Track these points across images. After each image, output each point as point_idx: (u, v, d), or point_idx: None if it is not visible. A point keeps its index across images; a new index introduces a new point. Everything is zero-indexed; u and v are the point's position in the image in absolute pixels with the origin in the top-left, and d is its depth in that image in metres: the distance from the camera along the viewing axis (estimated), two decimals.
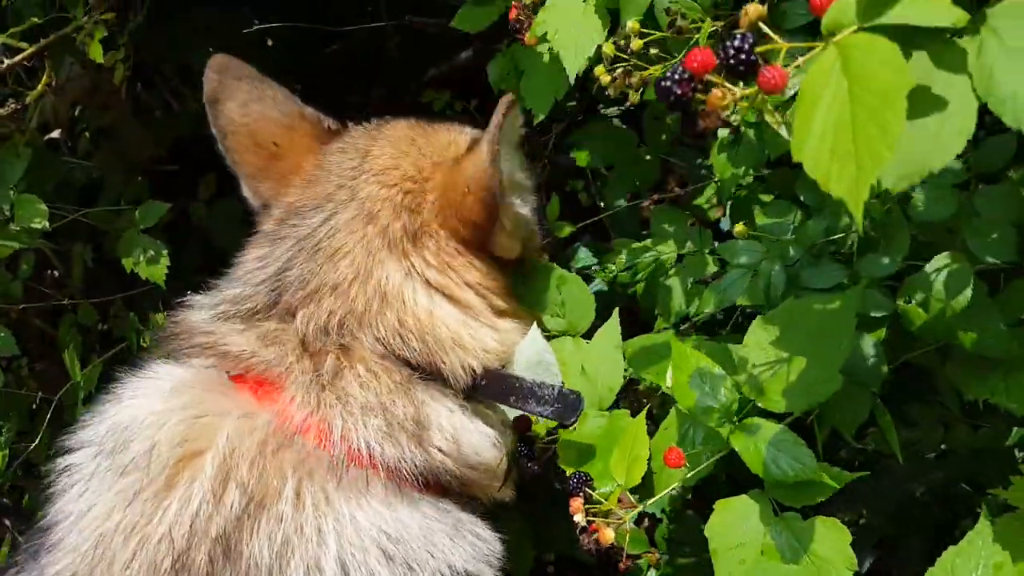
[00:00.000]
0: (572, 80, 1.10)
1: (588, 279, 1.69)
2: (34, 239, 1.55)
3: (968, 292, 0.76)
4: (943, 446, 1.06)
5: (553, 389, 0.95)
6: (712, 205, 1.53)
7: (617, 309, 1.07)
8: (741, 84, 0.57)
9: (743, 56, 0.55)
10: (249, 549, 0.82)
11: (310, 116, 1.13)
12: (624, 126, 1.94)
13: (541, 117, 1.37)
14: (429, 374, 0.94)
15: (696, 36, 0.85)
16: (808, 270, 0.89)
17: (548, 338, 1.10)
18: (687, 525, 1.26)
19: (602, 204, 1.78)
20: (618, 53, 0.88)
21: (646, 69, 0.87)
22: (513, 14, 1.24)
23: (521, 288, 1.10)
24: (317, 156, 1.09)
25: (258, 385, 0.93)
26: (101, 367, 1.69)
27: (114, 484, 0.87)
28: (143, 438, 0.88)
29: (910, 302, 0.83)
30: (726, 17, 0.87)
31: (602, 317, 1.11)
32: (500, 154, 0.92)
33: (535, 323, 1.08)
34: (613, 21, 1.09)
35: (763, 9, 0.57)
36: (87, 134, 1.86)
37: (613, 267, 1.27)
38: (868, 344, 0.83)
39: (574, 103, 1.77)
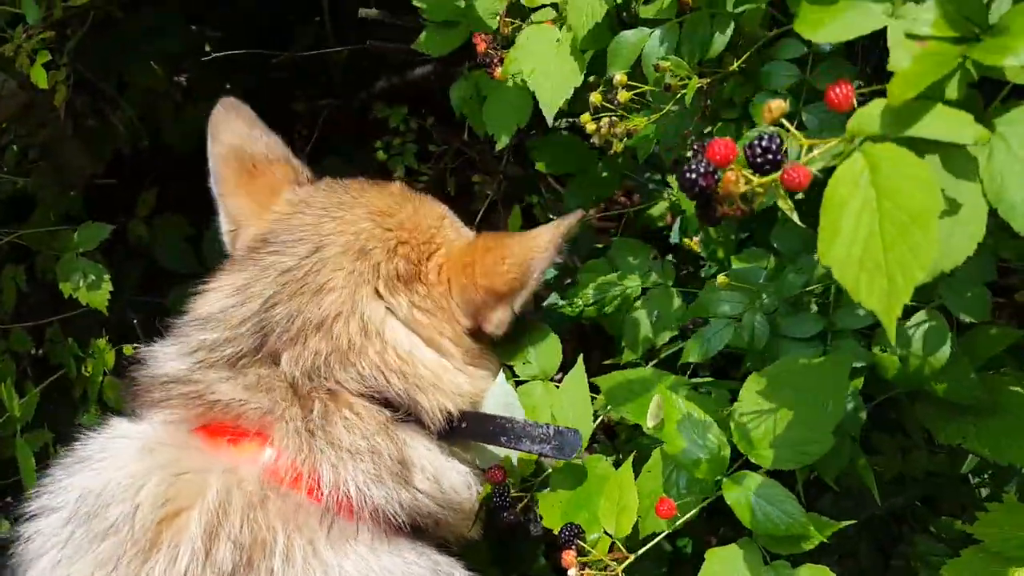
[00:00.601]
0: (551, 121, 1.11)
1: (547, 292, 1.73)
2: None
3: (946, 350, 0.80)
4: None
5: (548, 427, 0.97)
6: (662, 216, 1.56)
7: (581, 357, 1.09)
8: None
9: (770, 156, 0.56)
10: None
11: (295, 163, 1.18)
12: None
13: (504, 144, 1.37)
14: (407, 414, 0.96)
15: (683, 92, 0.86)
16: (787, 319, 0.92)
17: (519, 384, 1.13)
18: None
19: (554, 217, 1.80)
20: (604, 103, 0.88)
21: (630, 119, 0.88)
22: (482, 47, 1.23)
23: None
24: (295, 192, 1.11)
25: (239, 435, 0.91)
26: (38, 397, 1.62)
27: (91, 550, 0.84)
28: (122, 500, 0.85)
29: (884, 350, 0.86)
30: (711, 74, 0.88)
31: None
32: (559, 249, 1.01)
33: (502, 370, 1.11)
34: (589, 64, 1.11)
35: (785, 106, 0.58)
36: (15, 147, 1.76)
37: (579, 301, 1.28)
38: (848, 393, 0.86)
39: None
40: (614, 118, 0.88)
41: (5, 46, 1.31)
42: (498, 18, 1.24)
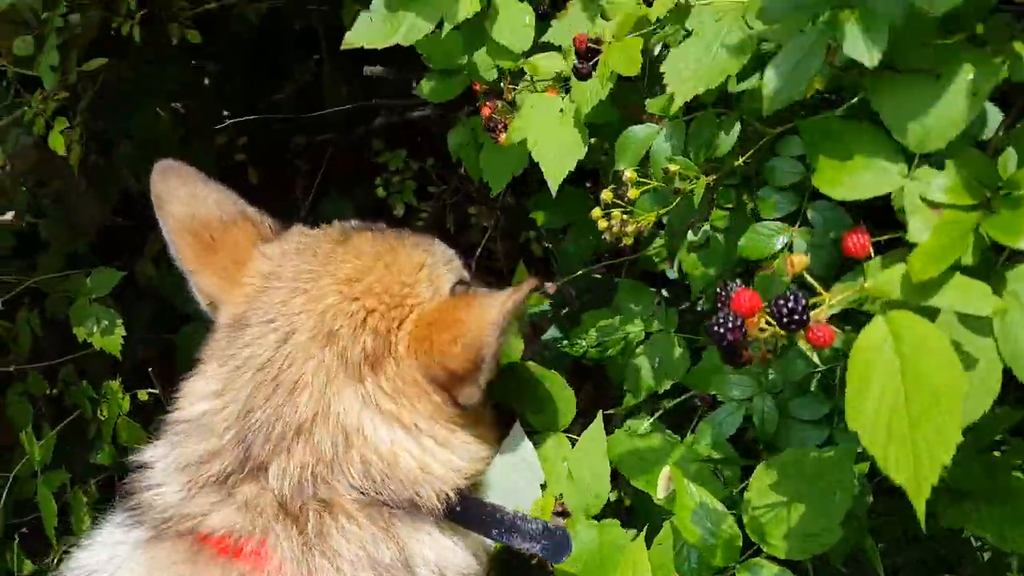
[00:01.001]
0: (555, 192, 1.13)
1: (542, 327, 1.76)
2: None
3: None
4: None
5: (538, 524, 0.98)
6: (662, 259, 1.59)
7: (600, 414, 1.12)
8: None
9: (796, 316, 0.59)
10: None
11: (251, 215, 1.12)
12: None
13: (497, 191, 1.40)
14: (406, 508, 0.94)
15: (692, 187, 0.88)
16: (794, 401, 0.95)
17: (530, 434, 1.15)
18: None
19: (554, 253, 1.83)
20: (615, 200, 0.91)
21: (640, 216, 0.91)
22: (486, 112, 1.25)
23: (501, 385, 1.09)
24: (264, 256, 1.06)
25: (239, 552, 0.90)
26: (55, 439, 1.66)
27: None
28: None
29: None
30: (716, 171, 0.91)
31: None
32: (507, 329, 0.93)
33: (517, 422, 1.12)
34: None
35: (807, 260, 0.60)
36: (24, 188, 1.78)
37: (583, 343, 1.30)
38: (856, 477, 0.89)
39: None
40: (625, 217, 0.91)
41: (25, 111, 1.33)
42: (501, 80, 1.27)
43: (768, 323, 0.61)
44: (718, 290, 0.64)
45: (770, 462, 0.88)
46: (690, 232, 1.14)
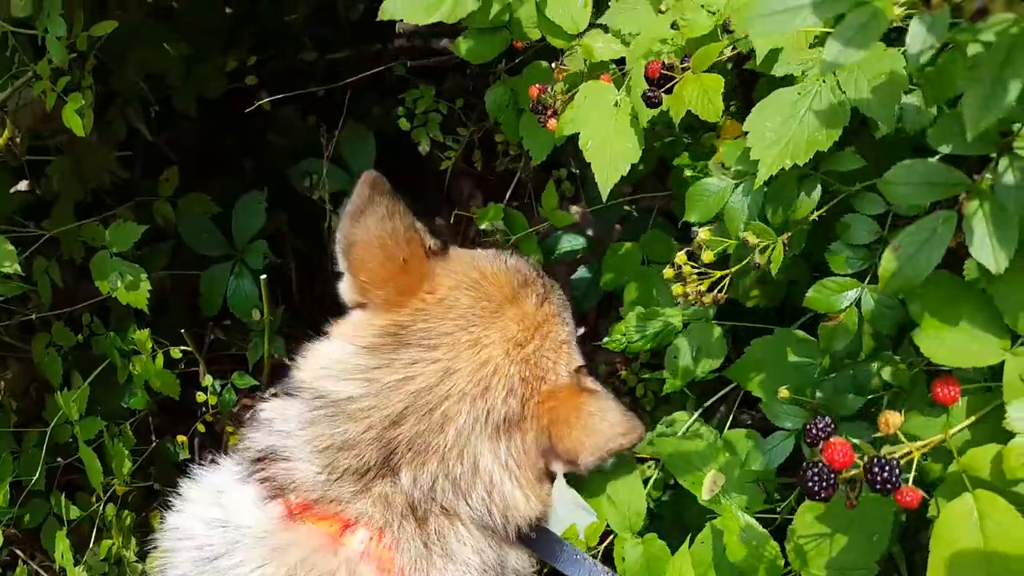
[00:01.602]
0: (605, 198, 1.11)
1: (574, 265, 1.77)
2: (10, 287, 1.47)
3: None
4: None
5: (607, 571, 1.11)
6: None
7: None
8: None
9: (889, 485, 0.61)
10: None
11: (419, 230, 1.19)
12: None
13: (540, 160, 1.37)
14: (502, 529, 1.09)
15: (769, 251, 0.86)
16: (843, 426, 0.98)
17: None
18: None
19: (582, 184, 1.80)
20: (691, 263, 0.90)
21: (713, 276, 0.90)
22: (534, 93, 1.20)
23: None
24: (433, 282, 1.15)
25: (361, 535, 1.02)
26: (88, 390, 1.67)
27: None
28: None
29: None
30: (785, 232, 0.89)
31: None
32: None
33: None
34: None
35: (901, 418, 0.62)
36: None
37: (622, 337, 1.32)
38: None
39: None
40: (700, 288, 0.90)
41: (34, 84, 1.25)
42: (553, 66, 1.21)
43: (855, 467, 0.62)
44: (807, 426, 0.65)
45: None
46: None
